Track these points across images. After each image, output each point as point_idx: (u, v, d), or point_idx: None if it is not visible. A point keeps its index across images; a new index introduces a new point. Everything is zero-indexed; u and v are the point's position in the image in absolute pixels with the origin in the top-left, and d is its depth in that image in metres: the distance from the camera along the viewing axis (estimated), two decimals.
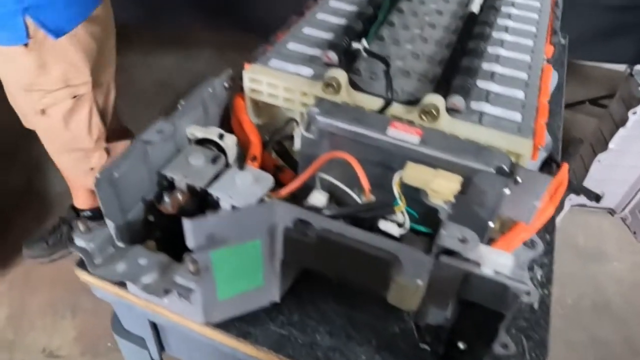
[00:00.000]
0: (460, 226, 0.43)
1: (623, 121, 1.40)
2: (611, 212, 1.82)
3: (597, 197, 0.80)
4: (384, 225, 0.45)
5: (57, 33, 0.95)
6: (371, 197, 0.46)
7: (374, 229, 0.45)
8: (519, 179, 0.47)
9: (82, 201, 1.42)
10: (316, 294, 0.59)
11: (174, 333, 0.64)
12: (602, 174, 1.58)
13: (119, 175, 0.47)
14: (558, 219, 1.68)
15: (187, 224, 0.42)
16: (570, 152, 0.69)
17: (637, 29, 1.80)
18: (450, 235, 0.42)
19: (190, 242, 0.44)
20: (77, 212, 1.46)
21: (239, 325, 0.55)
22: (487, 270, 0.44)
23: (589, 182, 1.59)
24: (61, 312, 1.41)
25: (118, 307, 0.65)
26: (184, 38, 2.39)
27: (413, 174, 0.46)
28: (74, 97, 1.05)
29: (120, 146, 1.23)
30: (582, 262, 1.76)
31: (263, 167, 0.55)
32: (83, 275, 0.59)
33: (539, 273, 0.62)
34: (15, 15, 0.89)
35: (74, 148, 1.18)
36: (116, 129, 1.23)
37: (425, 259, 0.41)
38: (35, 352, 1.34)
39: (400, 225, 0.45)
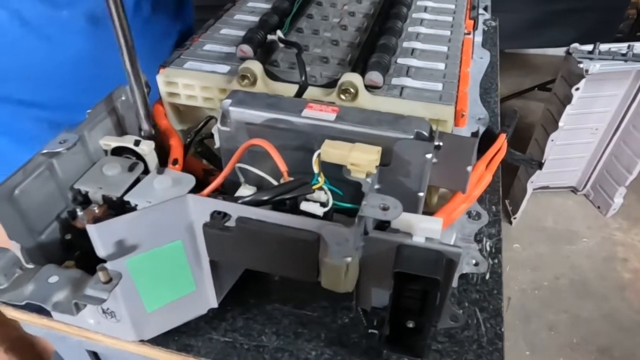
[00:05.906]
0: (383, 195, 0.41)
1: (568, 98, 1.43)
2: (574, 190, 1.84)
3: (539, 165, 0.81)
4: (305, 205, 0.43)
5: None
6: (290, 180, 0.44)
7: (296, 212, 0.43)
8: (440, 143, 0.46)
9: None
10: (261, 296, 0.56)
11: None
12: (558, 153, 1.60)
13: (20, 192, 0.44)
14: (523, 203, 1.69)
15: (91, 229, 0.39)
16: (507, 123, 0.69)
17: (569, 14, 1.91)
18: (371, 204, 0.40)
19: (99, 250, 0.41)
20: None
21: (179, 339, 0.51)
22: (418, 239, 0.42)
23: (547, 163, 1.60)
24: None
25: (55, 343, 0.60)
26: None
27: (330, 150, 0.44)
28: None
29: None
30: (553, 243, 1.76)
31: (192, 173, 0.52)
32: (9, 312, 0.55)
33: (488, 244, 0.61)
34: None
35: None
36: None
37: (347, 233, 0.39)
38: None
39: (323, 204, 0.43)
